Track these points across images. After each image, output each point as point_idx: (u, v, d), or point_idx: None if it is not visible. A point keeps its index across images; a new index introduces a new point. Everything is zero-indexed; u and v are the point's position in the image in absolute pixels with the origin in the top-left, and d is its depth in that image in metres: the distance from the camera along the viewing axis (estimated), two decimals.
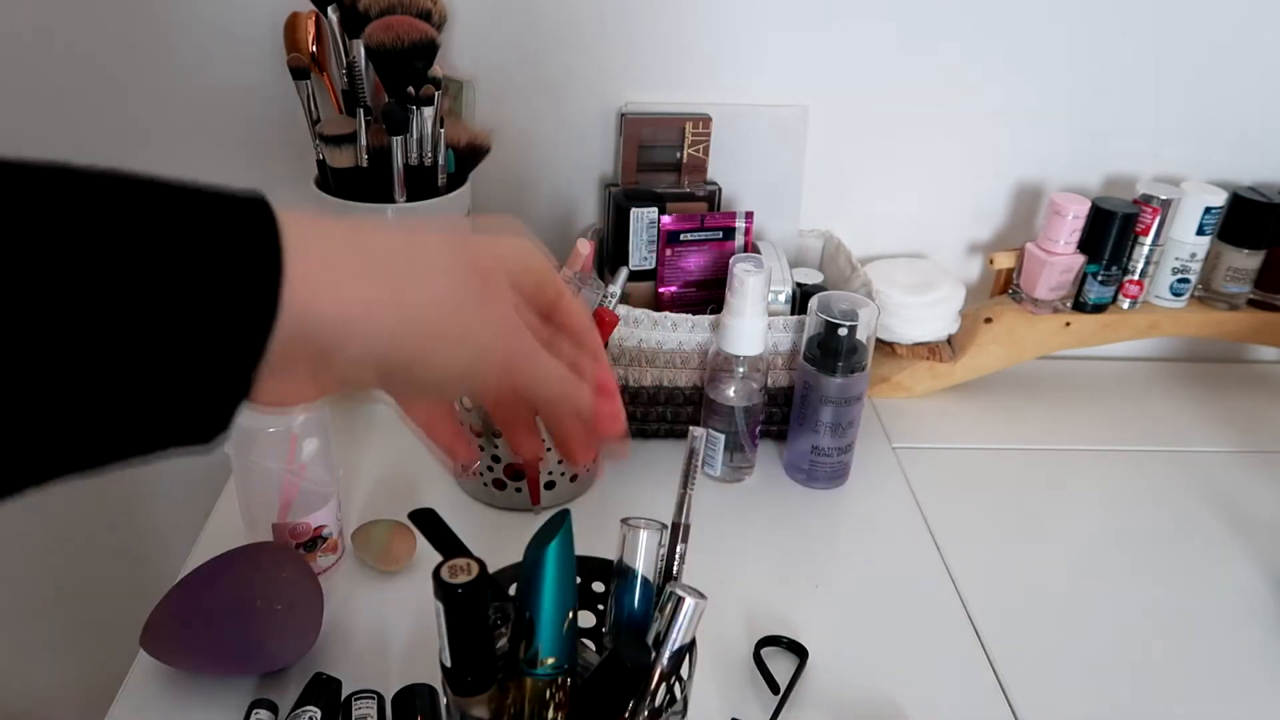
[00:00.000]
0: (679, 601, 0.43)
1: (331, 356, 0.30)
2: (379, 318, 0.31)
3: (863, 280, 0.85)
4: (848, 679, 0.64)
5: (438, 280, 0.33)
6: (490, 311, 0.35)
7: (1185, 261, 0.93)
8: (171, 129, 0.91)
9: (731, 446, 0.80)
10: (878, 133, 0.95)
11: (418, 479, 0.80)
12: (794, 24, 0.90)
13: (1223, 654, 0.68)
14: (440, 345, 0.33)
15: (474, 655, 0.43)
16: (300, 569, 0.62)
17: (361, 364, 0.31)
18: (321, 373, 0.31)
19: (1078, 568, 0.76)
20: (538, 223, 0.96)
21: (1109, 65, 0.93)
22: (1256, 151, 0.98)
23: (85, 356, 0.24)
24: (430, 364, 0.33)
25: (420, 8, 0.78)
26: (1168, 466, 0.88)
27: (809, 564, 0.74)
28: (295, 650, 0.61)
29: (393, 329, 0.31)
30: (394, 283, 0.31)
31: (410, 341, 0.32)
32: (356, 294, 0.30)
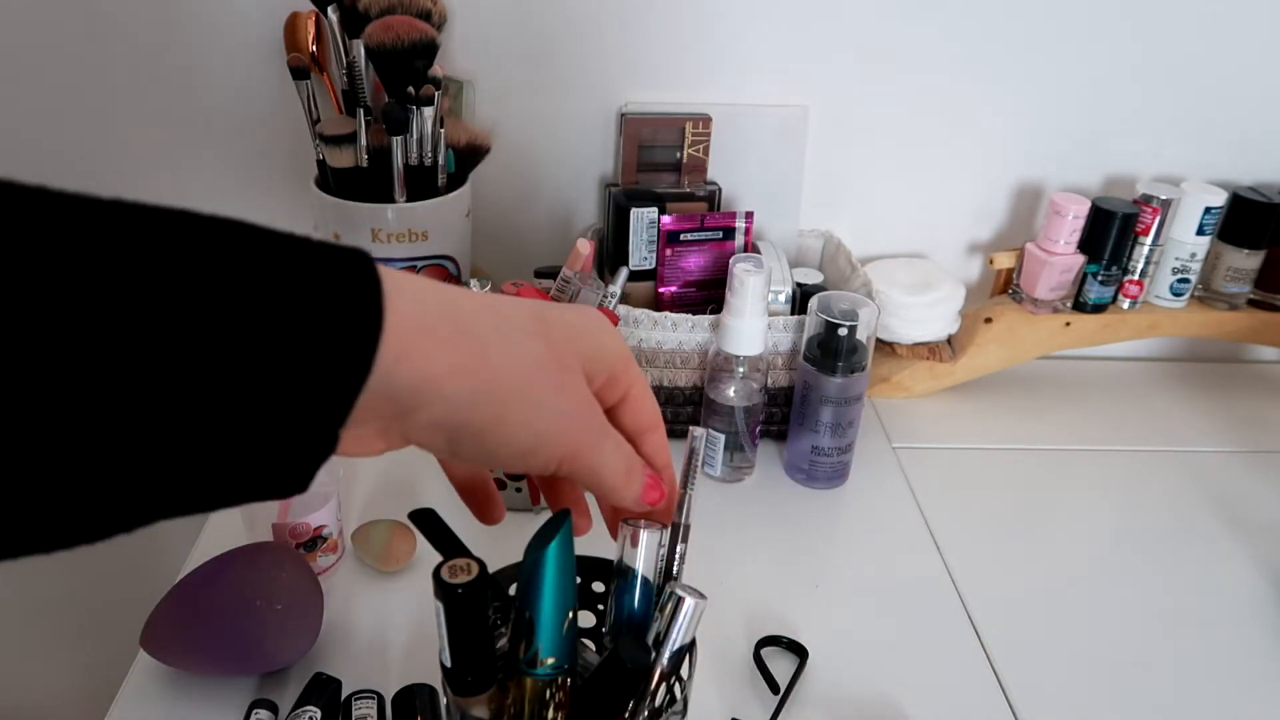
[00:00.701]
0: (679, 601, 0.43)
1: (408, 418, 0.30)
2: (460, 383, 0.31)
3: (863, 280, 0.85)
4: (848, 679, 0.64)
5: (520, 348, 0.33)
6: (567, 389, 0.35)
7: (1185, 261, 0.93)
8: (172, 129, 0.91)
9: (731, 446, 0.80)
10: (878, 133, 0.95)
11: (418, 479, 0.80)
12: (794, 24, 0.90)
13: (1223, 654, 0.68)
14: (515, 417, 0.32)
15: (474, 655, 0.43)
16: (300, 569, 0.62)
17: (435, 428, 0.31)
18: (392, 430, 0.31)
19: (1077, 567, 0.76)
20: (538, 223, 0.97)
21: (1109, 65, 0.93)
22: (1256, 151, 0.98)
23: (175, 404, 0.24)
24: (501, 435, 0.33)
25: (420, 8, 0.78)
26: (1168, 466, 0.88)
27: (809, 564, 0.74)
28: (295, 650, 0.61)
29: (471, 396, 0.31)
30: (479, 350, 0.31)
31: (487, 410, 0.32)
32: (443, 359, 0.30)
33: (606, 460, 0.37)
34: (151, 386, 0.24)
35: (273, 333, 0.25)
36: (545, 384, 0.33)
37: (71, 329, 0.22)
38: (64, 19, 0.86)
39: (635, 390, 0.39)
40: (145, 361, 0.23)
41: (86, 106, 0.89)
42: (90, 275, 0.23)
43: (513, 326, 0.33)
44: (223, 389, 0.25)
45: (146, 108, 0.90)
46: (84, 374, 0.22)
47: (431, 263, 0.83)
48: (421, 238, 0.81)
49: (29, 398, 0.22)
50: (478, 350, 0.31)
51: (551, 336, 0.34)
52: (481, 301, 0.33)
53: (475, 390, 0.31)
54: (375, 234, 0.80)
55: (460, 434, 0.32)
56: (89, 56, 0.88)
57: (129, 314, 0.23)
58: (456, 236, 0.84)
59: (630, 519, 0.45)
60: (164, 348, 0.24)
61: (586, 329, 0.37)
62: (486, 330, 0.32)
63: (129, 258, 0.24)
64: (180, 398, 0.24)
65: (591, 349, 0.36)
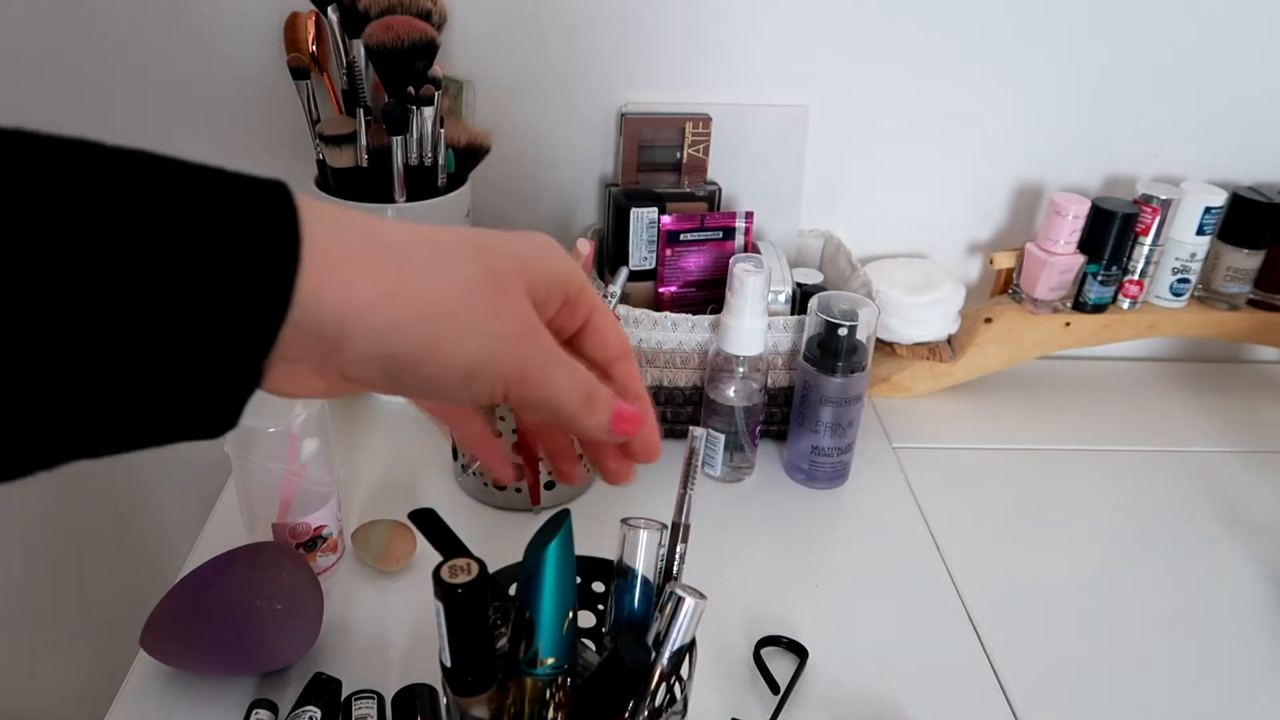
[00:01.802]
0: (679, 602, 0.43)
1: (339, 352, 0.30)
2: (386, 311, 0.30)
3: (863, 280, 0.85)
4: (848, 679, 0.64)
5: (449, 273, 0.32)
6: (504, 307, 0.33)
7: (1185, 261, 0.93)
8: (172, 129, 0.91)
9: (731, 446, 0.80)
10: (878, 132, 0.95)
11: (418, 479, 0.80)
12: (794, 24, 0.90)
13: (1223, 654, 0.68)
14: (447, 340, 0.31)
15: (474, 655, 0.43)
16: (300, 569, 0.62)
17: (367, 361, 0.30)
18: (327, 367, 0.30)
19: (1077, 567, 0.76)
20: (538, 223, 0.97)
21: (1109, 65, 0.93)
22: (1256, 151, 0.98)
23: (91, 337, 0.24)
24: (436, 363, 0.31)
25: (420, 8, 0.78)
26: (1168, 466, 0.88)
27: (809, 564, 0.74)
28: (295, 650, 0.61)
29: (398, 323, 0.30)
30: (404, 276, 0.30)
31: (416, 336, 0.30)
32: (366, 286, 0.29)
33: (559, 386, 0.34)
34: (64, 318, 0.23)
35: (188, 263, 0.25)
36: (477, 307, 0.32)
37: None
38: (63, 19, 0.86)
39: (596, 316, 0.38)
40: (57, 292, 0.23)
41: (86, 106, 0.89)
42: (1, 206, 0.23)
43: (445, 251, 0.32)
44: (140, 320, 0.24)
45: (146, 107, 0.90)
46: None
47: None
48: None
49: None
50: (401, 275, 0.30)
51: (489, 260, 0.33)
52: (413, 231, 0.32)
53: (402, 319, 0.30)
54: None
55: (395, 365, 0.31)
56: (88, 57, 0.88)
57: (39, 244, 0.23)
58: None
59: (630, 518, 0.45)
60: (76, 278, 0.23)
61: (533, 252, 0.35)
62: (413, 256, 0.31)
63: (41, 188, 0.23)
64: (96, 329, 0.24)
65: (540, 272, 0.35)
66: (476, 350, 0.32)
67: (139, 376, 0.25)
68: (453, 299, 0.31)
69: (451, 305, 0.31)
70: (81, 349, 0.24)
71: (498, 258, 0.33)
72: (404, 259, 0.31)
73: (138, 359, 0.25)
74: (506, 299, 0.33)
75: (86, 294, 0.24)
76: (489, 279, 0.32)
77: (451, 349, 0.31)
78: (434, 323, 0.31)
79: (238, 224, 0.26)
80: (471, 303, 0.32)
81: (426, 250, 0.32)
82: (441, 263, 0.32)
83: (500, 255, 0.33)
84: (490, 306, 0.32)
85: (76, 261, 0.23)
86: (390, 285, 0.30)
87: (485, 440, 0.41)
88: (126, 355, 0.25)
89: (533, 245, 0.35)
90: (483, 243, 0.33)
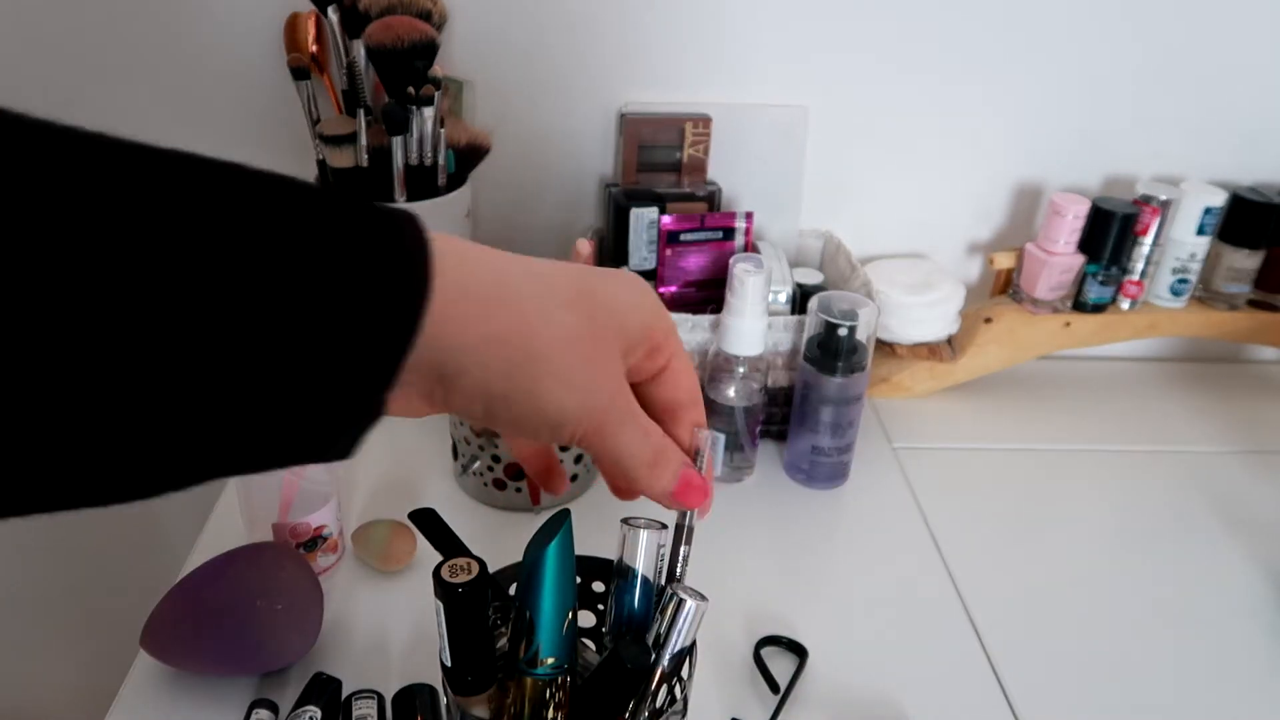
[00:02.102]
0: (680, 604, 0.43)
1: (449, 383, 0.30)
2: (497, 352, 0.30)
3: (863, 280, 0.85)
4: (848, 679, 0.64)
5: (557, 319, 0.32)
6: (599, 363, 0.34)
7: (1185, 262, 0.93)
8: (172, 129, 0.91)
9: (731, 446, 0.80)
10: (878, 132, 0.95)
11: (418, 479, 0.80)
12: (794, 24, 0.90)
13: (1223, 654, 0.68)
14: (547, 389, 0.32)
15: (474, 655, 0.43)
16: (300, 569, 0.62)
17: (473, 394, 0.31)
18: (435, 394, 0.31)
19: (1077, 567, 0.76)
20: (538, 223, 0.97)
21: (1109, 65, 0.93)
22: (1256, 151, 0.98)
23: (221, 365, 0.24)
24: (530, 405, 0.32)
25: (420, 8, 0.78)
26: (1168, 466, 0.88)
27: (809, 564, 0.74)
28: (295, 650, 0.61)
29: (506, 366, 0.31)
30: (519, 319, 0.31)
31: (520, 379, 0.31)
32: (483, 327, 0.30)
33: (627, 445, 0.35)
34: (198, 346, 0.23)
35: (321, 292, 0.25)
36: (577, 357, 0.33)
37: (120, 285, 0.22)
38: (64, 18, 0.86)
39: (675, 363, 0.38)
40: (192, 320, 0.23)
41: (86, 104, 0.89)
42: (138, 225, 0.22)
43: (554, 296, 0.33)
44: (269, 350, 0.24)
45: (146, 106, 0.90)
46: (131, 333, 0.22)
47: None
48: None
49: (84, 357, 0.22)
50: (517, 319, 0.31)
51: (591, 308, 0.34)
52: (526, 267, 0.33)
53: (510, 360, 0.31)
54: None
55: (495, 402, 0.32)
56: (88, 56, 0.88)
57: (178, 270, 0.23)
58: (457, 236, 0.84)
59: (630, 518, 0.45)
60: (211, 306, 0.23)
61: (629, 300, 0.36)
62: (528, 298, 0.32)
63: (178, 210, 0.23)
64: (225, 358, 0.24)
65: (633, 321, 0.35)
66: (570, 401, 0.33)
67: (268, 402, 0.25)
68: (558, 349, 0.32)
69: (556, 354, 0.32)
70: (215, 379, 0.24)
71: (598, 306, 0.34)
72: (520, 301, 0.31)
73: (267, 385, 0.25)
74: (601, 353, 0.34)
75: (223, 325, 0.24)
76: (590, 331, 0.33)
77: (549, 397, 0.32)
78: (538, 368, 0.32)
79: (372, 256, 0.26)
80: (572, 354, 0.33)
81: (534, 288, 0.32)
82: (550, 307, 0.32)
83: (601, 304, 0.34)
84: (587, 360, 0.33)
85: (217, 291, 0.23)
86: (504, 328, 0.31)
87: (546, 456, 0.42)
88: (258, 386, 0.25)
89: (629, 292, 0.36)
90: (585, 286, 0.34)
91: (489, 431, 0.73)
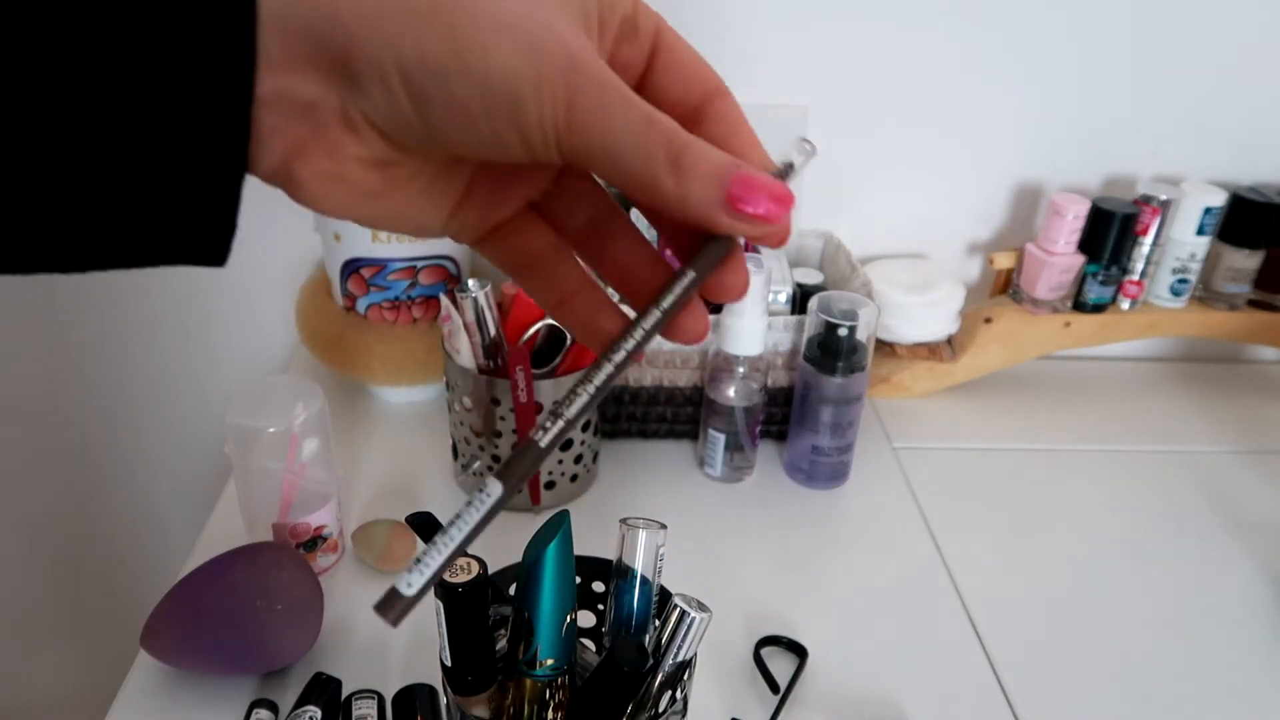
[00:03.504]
0: (682, 615, 0.43)
1: (350, 72, 0.23)
2: (400, 5, 0.23)
3: (863, 280, 0.85)
4: (848, 679, 0.64)
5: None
6: (545, 9, 0.24)
7: (1185, 262, 0.93)
8: None
9: (731, 446, 0.80)
10: (878, 132, 0.95)
11: (418, 479, 0.80)
12: (794, 24, 0.90)
13: (1223, 654, 0.68)
14: (480, 43, 0.23)
15: (474, 655, 0.43)
16: (300, 569, 0.62)
17: (386, 77, 0.23)
18: (350, 111, 0.24)
19: (1077, 568, 0.76)
20: None
21: (1109, 65, 0.93)
22: (1256, 151, 0.98)
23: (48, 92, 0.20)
24: (465, 71, 0.23)
25: None
26: (1168, 466, 0.88)
27: (809, 564, 0.74)
28: (295, 650, 0.61)
29: (416, 21, 0.23)
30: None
31: (431, 34, 0.23)
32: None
33: (619, 125, 0.24)
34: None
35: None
36: (513, 3, 0.24)
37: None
38: None
39: (667, 39, 0.28)
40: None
41: None
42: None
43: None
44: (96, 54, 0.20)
45: None
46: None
47: (431, 263, 0.83)
48: (422, 238, 0.81)
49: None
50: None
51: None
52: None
53: (416, 12, 0.23)
54: (375, 234, 0.80)
55: (415, 76, 0.23)
56: None
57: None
58: None
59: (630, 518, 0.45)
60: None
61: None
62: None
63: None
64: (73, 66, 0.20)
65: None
66: (515, 59, 0.23)
67: (103, 138, 0.21)
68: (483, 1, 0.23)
69: (482, 3, 0.24)
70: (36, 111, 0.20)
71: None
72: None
73: (97, 108, 0.20)
74: (545, 5, 0.25)
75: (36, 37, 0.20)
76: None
77: (481, 53, 0.23)
78: (460, 19, 0.23)
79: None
80: (505, 2, 0.24)
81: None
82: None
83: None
84: (527, 6, 0.24)
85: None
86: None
87: (586, 288, 0.30)
88: (84, 107, 0.20)
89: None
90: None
91: (490, 431, 0.73)
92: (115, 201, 0.22)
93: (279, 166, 0.25)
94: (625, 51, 0.27)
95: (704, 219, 0.25)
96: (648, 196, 0.25)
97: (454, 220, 0.29)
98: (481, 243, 0.31)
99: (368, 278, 0.83)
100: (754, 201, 0.25)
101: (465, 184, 0.29)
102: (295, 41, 0.22)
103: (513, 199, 0.30)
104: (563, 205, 0.31)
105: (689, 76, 0.29)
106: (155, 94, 0.21)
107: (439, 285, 0.85)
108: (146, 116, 0.21)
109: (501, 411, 0.72)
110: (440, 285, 0.85)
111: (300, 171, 0.25)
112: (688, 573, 0.59)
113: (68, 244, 0.22)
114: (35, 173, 0.21)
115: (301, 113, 0.24)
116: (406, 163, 0.26)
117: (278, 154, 0.24)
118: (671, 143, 0.25)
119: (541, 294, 0.31)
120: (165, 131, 0.22)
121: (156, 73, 0.21)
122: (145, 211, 0.22)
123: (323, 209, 0.26)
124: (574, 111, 0.24)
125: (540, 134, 0.24)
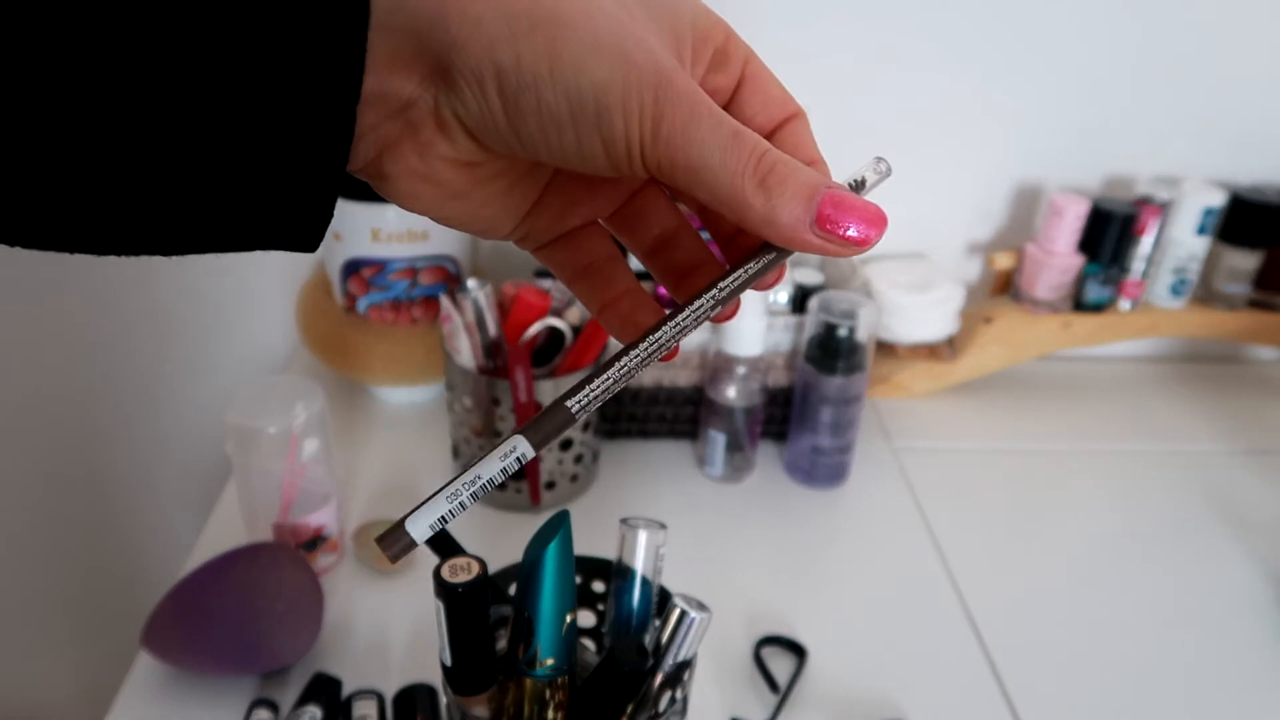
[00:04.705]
0: (682, 615, 0.43)
1: (447, 73, 0.24)
2: (503, 10, 0.24)
3: (863, 280, 0.85)
4: (848, 679, 0.64)
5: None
6: (639, 33, 0.25)
7: (1184, 262, 0.93)
8: None
9: (732, 446, 0.80)
10: (877, 133, 0.95)
11: (418, 479, 0.80)
12: (794, 24, 0.90)
13: (1223, 654, 0.68)
14: (574, 55, 0.24)
15: (474, 655, 0.43)
16: (300, 569, 0.62)
17: (482, 81, 0.24)
18: (443, 111, 0.25)
19: (1077, 567, 0.76)
20: None
21: (1109, 65, 0.93)
22: (1256, 151, 0.98)
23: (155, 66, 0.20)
24: (561, 74, 0.24)
25: None
26: (1168, 466, 0.88)
27: (809, 564, 0.74)
28: (295, 650, 0.61)
29: (510, 16, 0.24)
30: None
31: (532, 43, 0.24)
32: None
33: (704, 140, 0.25)
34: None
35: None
36: (607, 22, 0.24)
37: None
38: None
39: (752, 67, 0.30)
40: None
41: None
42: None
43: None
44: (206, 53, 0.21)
45: None
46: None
47: (432, 263, 0.83)
48: (422, 238, 0.81)
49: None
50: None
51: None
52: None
53: (514, 21, 0.24)
54: (375, 234, 0.80)
55: (510, 87, 0.24)
56: None
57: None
58: (457, 236, 0.84)
59: (630, 518, 0.45)
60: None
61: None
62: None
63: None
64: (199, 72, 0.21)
65: (683, 10, 0.27)
66: (604, 71, 0.24)
67: (206, 135, 0.21)
68: (580, 16, 0.24)
69: (580, 21, 0.24)
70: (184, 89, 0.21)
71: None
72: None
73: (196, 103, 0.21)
74: (640, 28, 0.25)
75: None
76: (625, 12, 0.25)
77: (575, 65, 0.24)
78: (557, 31, 0.24)
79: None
80: (600, 20, 0.25)
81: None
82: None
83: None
84: (619, 26, 0.25)
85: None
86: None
87: (632, 290, 0.31)
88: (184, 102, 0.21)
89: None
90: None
91: (490, 431, 0.73)
92: (223, 189, 0.22)
93: (371, 161, 0.25)
94: (713, 80, 0.28)
95: (791, 238, 0.25)
96: (733, 213, 0.25)
97: (523, 225, 0.30)
98: (543, 249, 0.31)
99: (368, 278, 0.83)
100: (846, 222, 0.25)
101: (541, 191, 0.29)
102: (399, 41, 0.23)
103: (584, 212, 0.31)
104: (638, 222, 0.32)
105: (771, 103, 0.30)
106: (268, 90, 0.22)
107: (439, 285, 0.85)
108: (259, 111, 0.22)
109: (501, 411, 0.72)
110: (440, 285, 0.85)
111: (391, 168, 0.25)
112: (688, 573, 0.59)
113: (173, 228, 0.23)
114: (150, 160, 0.22)
115: (398, 111, 0.24)
116: (491, 164, 0.27)
117: (372, 149, 0.25)
118: (761, 160, 0.25)
119: (591, 297, 0.32)
120: (275, 126, 0.22)
121: (271, 70, 0.22)
122: (250, 200, 0.23)
123: (408, 205, 0.27)
124: (661, 124, 0.24)
125: (625, 146, 0.25)
